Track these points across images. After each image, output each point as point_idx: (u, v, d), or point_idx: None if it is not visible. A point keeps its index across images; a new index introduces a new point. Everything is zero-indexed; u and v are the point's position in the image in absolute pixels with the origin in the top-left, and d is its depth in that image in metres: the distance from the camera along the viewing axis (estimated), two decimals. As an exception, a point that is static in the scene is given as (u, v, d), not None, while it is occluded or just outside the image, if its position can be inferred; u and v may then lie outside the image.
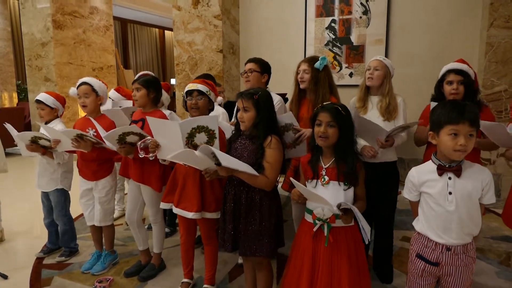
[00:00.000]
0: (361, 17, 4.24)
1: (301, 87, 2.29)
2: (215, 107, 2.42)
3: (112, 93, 3.17)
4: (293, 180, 1.53)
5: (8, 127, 2.41)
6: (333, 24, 4.36)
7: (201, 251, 2.57)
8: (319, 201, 1.55)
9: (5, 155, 3.31)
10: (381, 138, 1.99)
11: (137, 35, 11.22)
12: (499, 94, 3.59)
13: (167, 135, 1.88)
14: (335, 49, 4.39)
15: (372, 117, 2.12)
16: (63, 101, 2.60)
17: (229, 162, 1.60)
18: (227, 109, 2.79)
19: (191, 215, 1.98)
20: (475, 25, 3.80)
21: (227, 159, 1.60)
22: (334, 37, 4.38)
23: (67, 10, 5.89)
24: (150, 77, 2.28)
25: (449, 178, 1.41)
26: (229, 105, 2.94)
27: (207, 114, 2.09)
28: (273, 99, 1.86)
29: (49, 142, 2.34)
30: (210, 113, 2.13)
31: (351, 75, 4.35)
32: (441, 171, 1.42)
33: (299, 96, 2.34)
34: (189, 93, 2.04)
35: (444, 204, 1.41)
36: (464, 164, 1.42)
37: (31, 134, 2.34)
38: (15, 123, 5.36)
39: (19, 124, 6.19)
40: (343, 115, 1.61)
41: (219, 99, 2.70)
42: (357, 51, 4.30)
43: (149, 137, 2.04)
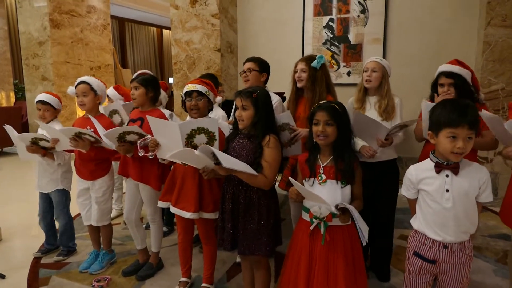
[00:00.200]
0: (359, 16, 4.24)
1: (299, 86, 2.29)
2: (214, 108, 2.42)
3: (110, 91, 3.17)
4: (291, 179, 1.53)
5: (8, 128, 2.39)
6: (331, 23, 4.36)
7: (199, 250, 2.57)
8: (316, 200, 1.56)
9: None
10: (381, 136, 1.98)
11: (134, 34, 11.18)
12: (496, 92, 3.60)
13: (167, 134, 1.88)
14: (333, 48, 4.39)
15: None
16: (60, 101, 2.60)
17: (229, 162, 1.60)
18: (224, 108, 2.78)
19: (188, 215, 1.97)
20: (473, 24, 3.82)
21: (227, 160, 1.60)
22: (332, 36, 4.38)
23: (64, 9, 5.87)
24: (148, 76, 2.28)
25: (447, 175, 1.41)
26: (227, 104, 2.94)
27: (207, 114, 2.09)
28: (272, 99, 1.86)
29: (49, 143, 2.33)
30: (209, 113, 2.12)
31: (349, 74, 4.36)
32: (439, 168, 1.43)
33: (296, 95, 2.34)
34: (188, 94, 2.02)
35: (441, 201, 1.42)
36: (462, 162, 1.42)
37: (31, 135, 2.33)
38: (13, 122, 5.36)
39: (16, 123, 6.16)
40: (340, 113, 1.61)
41: (219, 98, 2.70)
42: (355, 50, 4.30)
43: (148, 136, 2.03)
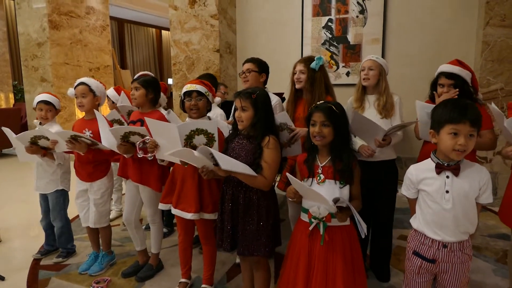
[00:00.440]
0: (357, 16, 4.24)
1: (297, 87, 2.29)
2: (213, 108, 2.42)
3: (110, 91, 3.17)
4: (289, 175, 1.52)
5: (6, 131, 2.38)
6: (329, 23, 4.36)
7: (199, 251, 2.57)
8: (314, 197, 1.55)
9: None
10: (379, 137, 1.98)
11: (133, 35, 11.18)
12: (495, 92, 3.61)
13: (166, 136, 1.88)
14: (332, 48, 4.39)
15: (369, 116, 2.11)
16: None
17: (228, 163, 1.59)
18: (224, 109, 2.78)
19: (189, 216, 1.98)
20: (471, 24, 3.82)
21: (227, 161, 1.59)
22: (331, 36, 4.38)
23: (63, 10, 5.87)
24: (149, 77, 2.27)
25: (447, 176, 1.42)
26: (226, 104, 2.94)
27: (206, 114, 2.09)
28: (271, 99, 1.85)
29: (48, 141, 2.32)
30: (207, 114, 2.12)
31: (348, 74, 4.36)
32: (439, 169, 1.43)
33: (295, 96, 2.34)
34: (188, 94, 2.02)
35: (441, 202, 1.42)
36: (462, 163, 1.42)
37: (30, 134, 2.31)
38: (12, 124, 5.35)
39: (15, 125, 6.16)
40: (337, 113, 1.61)
41: (217, 99, 2.70)
42: (354, 50, 4.30)
43: (148, 137, 2.03)
